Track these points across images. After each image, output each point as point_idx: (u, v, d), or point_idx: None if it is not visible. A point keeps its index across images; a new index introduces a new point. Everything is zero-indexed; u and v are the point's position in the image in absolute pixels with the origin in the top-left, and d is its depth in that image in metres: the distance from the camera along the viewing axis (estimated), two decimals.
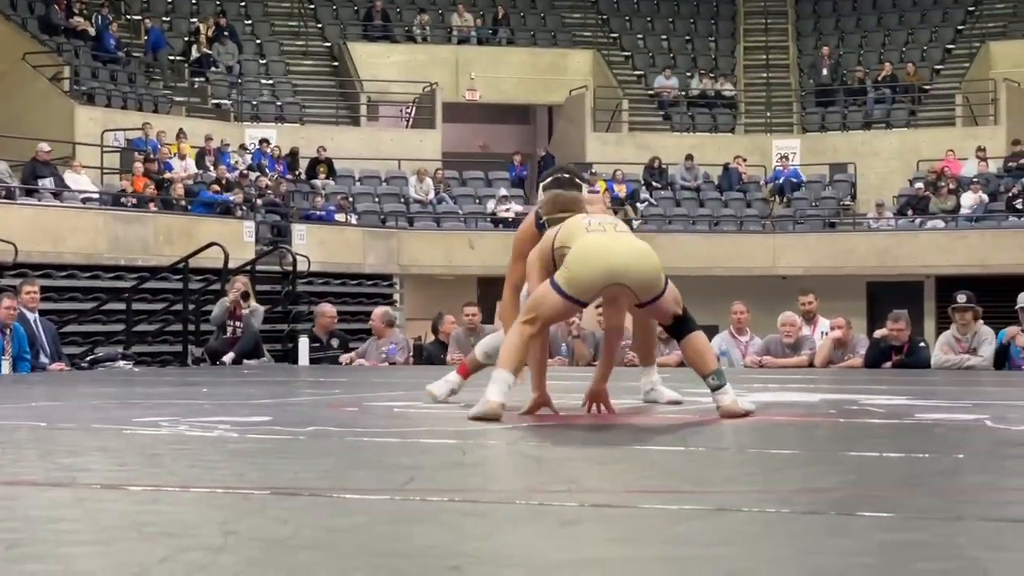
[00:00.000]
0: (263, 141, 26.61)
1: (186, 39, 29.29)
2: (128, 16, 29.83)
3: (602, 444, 5.75)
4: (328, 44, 31.69)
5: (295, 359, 15.57)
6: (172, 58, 28.90)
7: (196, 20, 29.91)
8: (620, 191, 26.26)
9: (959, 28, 32.62)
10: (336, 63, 31.21)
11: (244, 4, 31.79)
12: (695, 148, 29.40)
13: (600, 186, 21.44)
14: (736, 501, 3.82)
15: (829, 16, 34.08)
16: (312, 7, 32.29)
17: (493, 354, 7.33)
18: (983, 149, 28.02)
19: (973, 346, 12.74)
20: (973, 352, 12.70)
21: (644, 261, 6.63)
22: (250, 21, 31.41)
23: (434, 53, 31.15)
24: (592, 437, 6.12)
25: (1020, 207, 25.89)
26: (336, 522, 3.41)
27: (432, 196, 26.98)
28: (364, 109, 30.18)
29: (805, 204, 28.35)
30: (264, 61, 30.53)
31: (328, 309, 16.22)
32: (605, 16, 33.90)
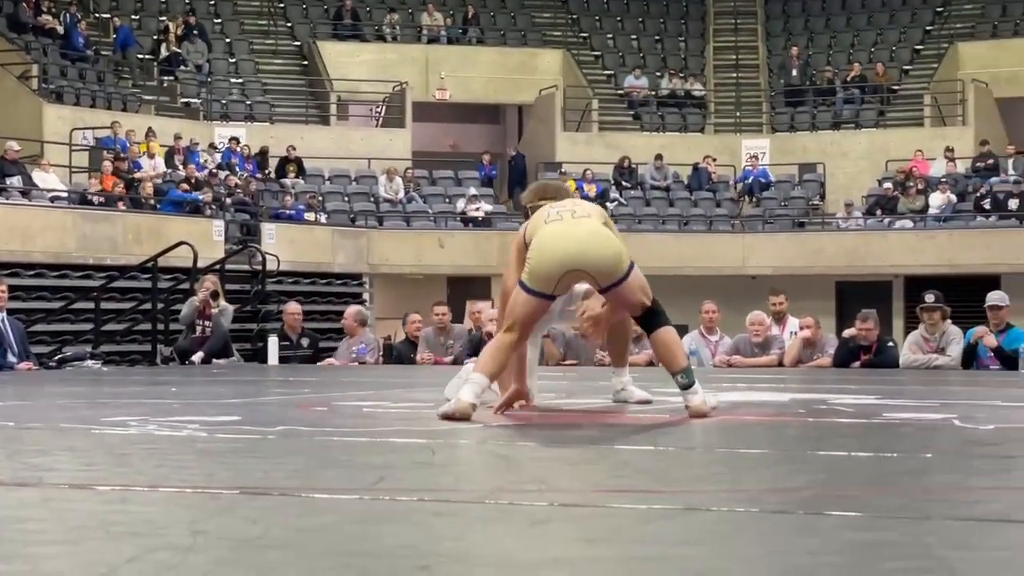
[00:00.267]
0: (232, 140, 26.56)
1: (155, 37, 29.18)
2: (97, 14, 29.70)
3: (572, 444, 5.75)
4: (298, 43, 31.63)
5: (264, 358, 15.53)
6: (141, 57, 28.77)
7: (165, 19, 29.80)
8: (590, 191, 26.25)
9: (927, 29, 32.76)
10: (306, 62, 31.14)
11: (213, 3, 31.69)
12: (665, 148, 29.44)
13: (570, 185, 21.46)
14: (705, 500, 3.83)
15: (798, 16, 34.17)
16: (282, 6, 32.23)
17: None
18: (951, 149, 28.16)
19: (941, 346, 12.78)
20: (941, 352, 12.74)
21: (601, 245, 6.60)
22: (219, 20, 31.32)
23: (404, 52, 31.12)
24: (562, 437, 6.12)
25: (988, 207, 26.01)
26: (306, 522, 3.40)
27: (402, 195, 26.97)
28: (334, 108, 30.12)
29: (774, 204, 28.43)
30: (234, 60, 30.43)
31: (293, 307, 16.16)
32: (575, 16, 33.92)
